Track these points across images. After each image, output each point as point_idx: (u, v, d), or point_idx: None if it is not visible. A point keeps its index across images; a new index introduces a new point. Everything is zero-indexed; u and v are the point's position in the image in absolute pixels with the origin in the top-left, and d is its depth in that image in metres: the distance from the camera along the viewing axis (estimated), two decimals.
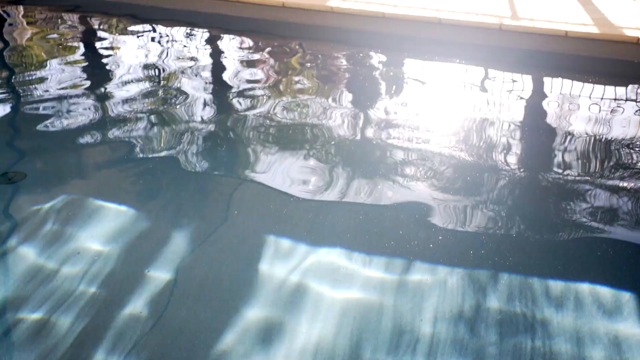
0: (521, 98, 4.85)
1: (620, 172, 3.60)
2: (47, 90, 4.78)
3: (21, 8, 7.59)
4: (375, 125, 4.26)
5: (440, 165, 3.65)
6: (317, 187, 3.36)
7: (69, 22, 7.11)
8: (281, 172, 3.54)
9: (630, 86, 5.04)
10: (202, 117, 4.32)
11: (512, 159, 3.79)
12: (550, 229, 3.02)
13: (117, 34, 6.60)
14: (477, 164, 3.68)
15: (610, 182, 3.47)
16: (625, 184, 3.45)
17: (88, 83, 5.01)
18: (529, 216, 3.13)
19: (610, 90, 4.92)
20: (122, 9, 7.13)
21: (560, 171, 3.60)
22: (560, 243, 2.92)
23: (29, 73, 5.33)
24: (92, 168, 3.66)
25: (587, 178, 3.52)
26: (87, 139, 3.98)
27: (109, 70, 5.39)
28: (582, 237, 2.97)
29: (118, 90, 4.81)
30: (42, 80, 5.05)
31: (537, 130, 4.25)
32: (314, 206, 3.18)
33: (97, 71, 5.36)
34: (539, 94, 4.99)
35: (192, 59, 5.66)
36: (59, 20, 7.21)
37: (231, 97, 4.78)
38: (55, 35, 6.60)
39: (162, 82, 5.08)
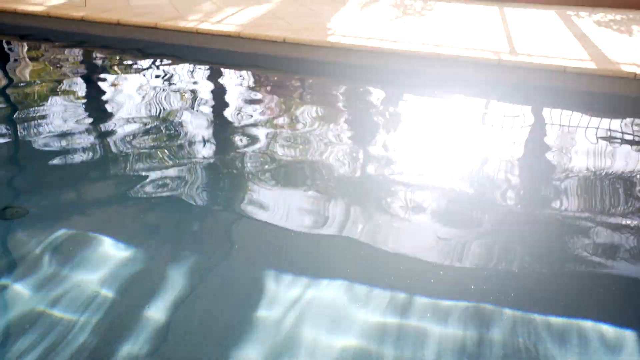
0: (520, 133, 4.88)
1: (620, 207, 3.59)
2: (48, 127, 4.81)
3: (25, 44, 7.67)
4: (376, 161, 4.27)
5: (440, 200, 3.65)
6: (317, 224, 3.36)
7: (71, 58, 7.18)
8: (281, 209, 3.53)
9: (628, 120, 5.07)
10: (202, 154, 4.33)
11: (512, 195, 3.79)
12: (552, 266, 3.01)
13: (119, 70, 6.66)
14: (476, 200, 3.68)
15: (610, 218, 3.47)
16: (626, 220, 3.45)
17: (89, 119, 5.03)
18: (530, 253, 3.12)
19: (609, 125, 4.95)
20: (125, 44, 7.20)
21: (560, 207, 3.60)
22: (563, 280, 2.90)
23: (30, 109, 5.36)
24: (94, 205, 3.66)
25: (587, 214, 3.51)
26: (88, 175, 3.98)
27: (111, 107, 5.42)
28: (585, 274, 2.95)
29: (119, 127, 4.83)
30: (43, 116, 5.07)
31: (537, 166, 4.27)
32: (313, 243, 3.17)
33: (98, 107, 5.40)
34: (538, 129, 5.02)
35: (193, 94, 5.71)
36: (61, 56, 7.28)
37: (232, 133, 4.80)
38: (57, 71, 6.66)
39: (162, 118, 5.10)
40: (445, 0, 8.77)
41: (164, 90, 5.79)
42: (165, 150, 4.38)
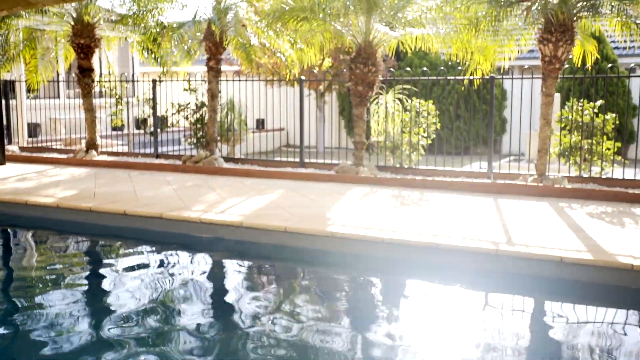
0: (519, 323, 4.82)
1: None
2: (50, 317, 4.78)
3: (33, 234, 7.85)
4: (376, 352, 4.18)
5: None
6: None
7: (77, 248, 7.31)
8: None
9: (630, 312, 5.03)
10: (202, 345, 4.27)
11: None
12: None
13: (123, 260, 6.75)
14: None
15: None
16: None
17: (91, 309, 5.03)
18: None
19: (610, 317, 4.91)
20: (130, 233, 7.36)
21: None
22: None
23: (33, 298, 5.36)
24: None
25: None
26: None
27: (113, 297, 5.42)
28: None
29: (120, 317, 4.80)
30: (46, 306, 5.07)
31: (538, 357, 4.18)
32: None
33: (101, 297, 5.40)
34: (537, 320, 4.97)
35: (195, 284, 5.73)
36: (67, 245, 7.42)
37: (233, 323, 4.75)
38: (62, 261, 6.75)
39: (162, 307, 5.08)
40: (440, 191, 9.11)
41: (163, 279, 5.82)
42: (165, 341, 4.31)
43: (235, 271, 6.35)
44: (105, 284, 5.78)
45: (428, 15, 10.27)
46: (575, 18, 8.95)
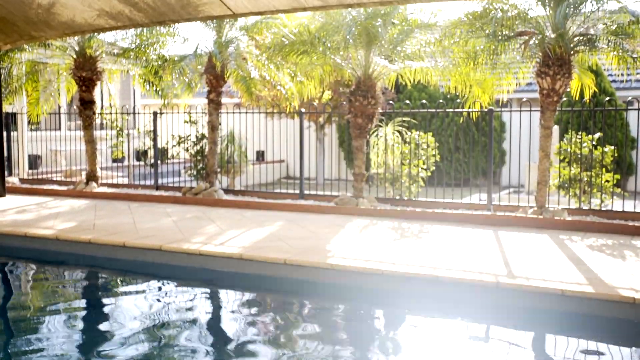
0: (521, 358, 4.77)
1: None
2: (49, 350, 4.75)
3: (32, 266, 7.82)
4: None
5: None
6: None
7: (76, 280, 7.27)
8: None
9: (633, 348, 4.98)
10: None
11: None
12: None
13: (122, 293, 6.71)
14: None
15: None
16: None
17: (90, 342, 4.99)
18: None
19: (612, 352, 4.86)
20: (129, 265, 7.33)
21: None
22: None
23: (32, 331, 5.32)
24: None
25: None
26: None
27: (113, 329, 5.39)
28: None
29: (119, 350, 4.76)
30: (45, 339, 5.03)
31: None
32: None
33: (100, 330, 5.36)
34: (538, 354, 4.93)
35: (194, 317, 5.70)
36: (66, 278, 7.38)
37: (231, 355, 4.71)
38: (61, 293, 6.71)
39: (161, 341, 5.04)
40: (440, 223, 9.10)
41: (162, 313, 5.79)
42: None
43: (234, 304, 6.31)
44: (104, 317, 5.74)
45: (427, 49, 10.39)
46: (572, 52, 9.05)
